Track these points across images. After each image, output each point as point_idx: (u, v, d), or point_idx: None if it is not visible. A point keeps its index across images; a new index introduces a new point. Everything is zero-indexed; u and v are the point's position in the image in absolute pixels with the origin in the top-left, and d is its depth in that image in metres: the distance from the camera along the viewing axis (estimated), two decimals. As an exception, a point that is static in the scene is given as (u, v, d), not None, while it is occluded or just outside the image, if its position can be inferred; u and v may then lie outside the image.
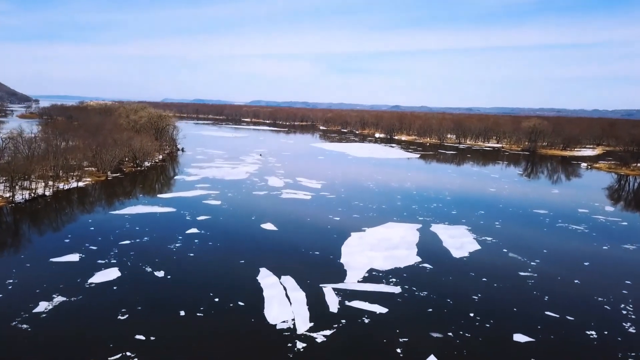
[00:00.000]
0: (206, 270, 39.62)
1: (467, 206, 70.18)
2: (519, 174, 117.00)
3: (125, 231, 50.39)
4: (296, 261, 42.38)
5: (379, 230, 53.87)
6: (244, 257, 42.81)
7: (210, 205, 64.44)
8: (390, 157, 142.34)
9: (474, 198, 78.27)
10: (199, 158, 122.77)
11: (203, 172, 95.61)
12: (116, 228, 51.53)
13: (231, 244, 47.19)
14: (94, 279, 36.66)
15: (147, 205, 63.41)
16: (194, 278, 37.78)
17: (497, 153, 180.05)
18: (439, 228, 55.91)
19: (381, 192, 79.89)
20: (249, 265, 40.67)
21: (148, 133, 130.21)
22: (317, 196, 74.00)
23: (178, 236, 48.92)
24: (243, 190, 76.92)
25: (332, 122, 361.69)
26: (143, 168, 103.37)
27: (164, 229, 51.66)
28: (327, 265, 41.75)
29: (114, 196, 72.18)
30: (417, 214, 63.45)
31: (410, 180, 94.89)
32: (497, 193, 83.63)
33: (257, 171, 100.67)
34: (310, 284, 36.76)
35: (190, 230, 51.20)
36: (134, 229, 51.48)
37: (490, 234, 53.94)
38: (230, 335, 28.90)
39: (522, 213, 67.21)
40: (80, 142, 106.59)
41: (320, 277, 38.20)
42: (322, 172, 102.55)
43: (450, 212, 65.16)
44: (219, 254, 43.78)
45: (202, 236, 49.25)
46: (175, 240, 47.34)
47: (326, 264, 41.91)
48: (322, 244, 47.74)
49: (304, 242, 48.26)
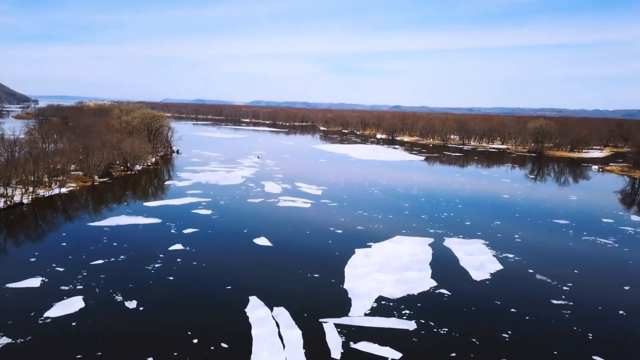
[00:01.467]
0: (186, 299, 33.75)
1: (482, 215, 64.32)
2: (530, 177, 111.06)
3: (101, 248, 44.58)
4: (292, 287, 36.51)
5: (386, 245, 48.00)
6: (232, 282, 36.96)
7: (199, 216, 58.61)
8: (394, 160, 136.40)
9: (488, 206, 72.36)
10: (194, 161, 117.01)
11: (196, 177, 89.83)
12: (91, 243, 45.73)
13: (218, 264, 41.31)
14: (51, 311, 30.84)
15: (131, 216, 57.61)
16: (171, 311, 31.93)
17: (503, 155, 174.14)
18: (453, 243, 50.05)
19: (387, 200, 74.02)
20: (237, 293, 34.82)
21: (141, 135, 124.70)
22: (317, 204, 68.16)
23: (159, 254, 43.10)
24: (237, 198, 71.07)
25: (332, 122, 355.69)
26: (133, 172, 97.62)
27: (145, 245, 45.84)
28: (328, 292, 35.88)
29: (97, 204, 66.41)
30: (428, 225, 57.58)
31: (417, 185, 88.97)
32: (511, 200, 77.71)
33: (253, 175, 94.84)
34: (308, 319, 30.91)
35: (173, 247, 45.37)
36: (111, 245, 45.67)
37: (511, 250, 48.07)
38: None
39: (542, 224, 61.31)
40: (67, 144, 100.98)
41: (320, 309, 32.36)
42: (323, 176, 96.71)
43: (463, 223, 59.28)
44: (203, 278, 37.92)
45: (186, 254, 43.40)
46: (155, 259, 41.52)
47: (327, 291, 36.04)
48: (323, 264, 41.89)
49: (302, 262, 42.40)
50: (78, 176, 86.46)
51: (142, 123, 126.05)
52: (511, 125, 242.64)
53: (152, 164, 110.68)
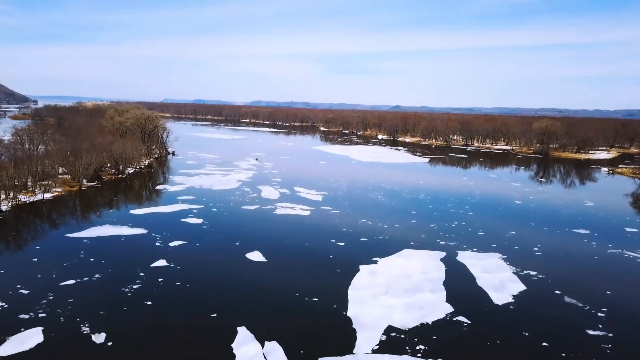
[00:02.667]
0: (163, 331, 29.00)
1: (495, 224, 59.54)
2: (540, 180, 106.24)
3: (75, 264, 39.88)
4: (287, 315, 31.75)
5: (394, 261, 43.25)
6: (219, 308, 32.21)
7: (188, 226, 53.86)
8: (397, 162, 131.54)
9: (500, 213, 67.55)
10: (189, 163, 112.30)
11: (189, 181, 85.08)
12: (66, 259, 41.03)
13: (204, 285, 36.52)
14: (2, 348, 26.15)
15: (114, 225, 52.91)
16: (144, 346, 27.20)
17: (508, 156, 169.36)
18: (468, 257, 45.29)
19: (392, 206, 69.22)
20: (224, 322, 30.06)
21: (135, 136, 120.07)
22: (317, 211, 63.41)
23: (140, 272, 38.37)
24: (231, 204, 66.32)
25: (333, 123, 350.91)
26: (125, 175, 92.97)
27: (125, 261, 41.12)
28: (329, 321, 31.11)
29: (79, 212, 61.71)
30: (438, 235, 52.80)
31: (423, 190, 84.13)
32: (524, 206, 72.90)
33: (250, 179, 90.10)
34: (305, 357, 26.20)
35: (156, 263, 40.64)
36: (87, 260, 40.96)
37: (532, 266, 43.32)
38: None
39: (561, 234, 56.53)
40: (54, 146, 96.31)
41: (320, 343, 27.65)
42: (324, 180, 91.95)
43: (476, 233, 54.51)
44: (185, 303, 33.15)
45: (170, 272, 38.66)
46: (135, 279, 36.80)
47: (328, 319, 31.26)
48: (323, 285, 37.13)
49: (299, 282, 37.65)
50: (65, 180, 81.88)
51: (135, 124, 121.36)
52: (515, 126, 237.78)
53: (145, 167, 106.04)
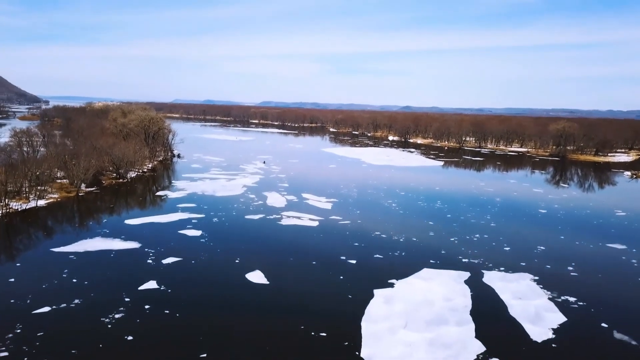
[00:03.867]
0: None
1: (521, 238, 54.32)
2: (562, 186, 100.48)
3: (55, 287, 35.59)
4: (290, 356, 27.05)
5: (412, 284, 38.37)
6: (210, 347, 27.59)
7: (185, 239, 49.42)
8: (410, 165, 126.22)
9: (525, 224, 62.22)
10: (194, 167, 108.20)
11: (192, 186, 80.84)
12: (46, 280, 36.77)
13: (196, 315, 31.90)
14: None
15: (106, 238, 48.68)
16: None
17: (524, 159, 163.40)
18: (495, 278, 40.28)
19: (407, 216, 64.25)
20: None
21: (139, 138, 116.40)
22: (326, 222, 58.68)
23: (125, 297, 33.94)
24: (233, 213, 61.84)
25: (342, 123, 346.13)
26: (126, 180, 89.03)
27: (110, 283, 36.75)
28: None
29: (71, 222, 57.68)
30: (459, 251, 47.78)
31: (440, 197, 78.93)
32: (550, 215, 67.51)
33: (256, 184, 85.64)
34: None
35: (145, 285, 36.19)
36: (69, 281, 36.66)
37: (569, 290, 38.18)
38: None
39: (595, 250, 51.17)
40: (53, 149, 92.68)
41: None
42: (333, 185, 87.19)
43: (501, 249, 49.40)
44: (172, 339, 28.57)
45: (159, 298, 34.18)
46: (118, 306, 32.35)
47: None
48: (332, 315, 32.37)
49: (304, 312, 32.93)
50: (63, 185, 78.15)
51: (139, 126, 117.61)
52: (530, 127, 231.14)
53: (148, 170, 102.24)
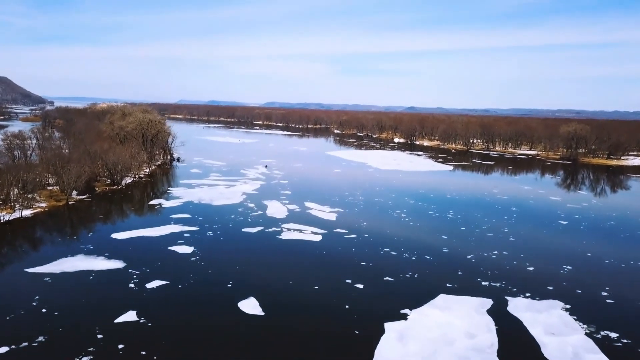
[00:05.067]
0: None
1: (544, 256, 49.39)
2: (580, 193, 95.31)
3: (20, 320, 31.13)
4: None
5: (428, 315, 33.64)
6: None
7: (175, 257, 44.91)
8: (419, 170, 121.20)
9: (547, 239, 57.15)
10: (193, 172, 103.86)
11: (189, 194, 76.43)
12: (13, 309, 32.33)
13: (178, 357, 27.35)
14: None
15: (89, 256, 44.28)
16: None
17: (535, 162, 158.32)
18: (521, 308, 35.47)
19: (418, 229, 59.42)
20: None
21: (137, 141, 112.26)
22: (330, 236, 54.02)
23: (98, 333, 29.43)
24: (230, 226, 57.29)
25: (347, 125, 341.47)
26: (121, 186, 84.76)
27: (84, 314, 32.24)
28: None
29: (53, 236, 53.35)
30: (478, 272, 42.97)
31: (453, 206, 73.98)
32: (572, 228, 62.53)
33: (257, 192, 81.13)
34: None
35: (123, 317, 31.66)
36: (37, 312, 32.20)
37: (608, 323, 33.32)
38: None
39: (629, 270, 46.13)
40: (45, 154, 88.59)
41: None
42: (338, 192, 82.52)
43: (524, 269, 44.56)
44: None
45: (137, 334, 29.62)
46: (88, 346, 27.82)
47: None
48: (336, 356, 27.71)
49: (304, 351, 28.28)
50: (53, 193, 73.97)
51: (137, 129, 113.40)
52: (539, 129, 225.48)
53: (145, 176, 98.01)
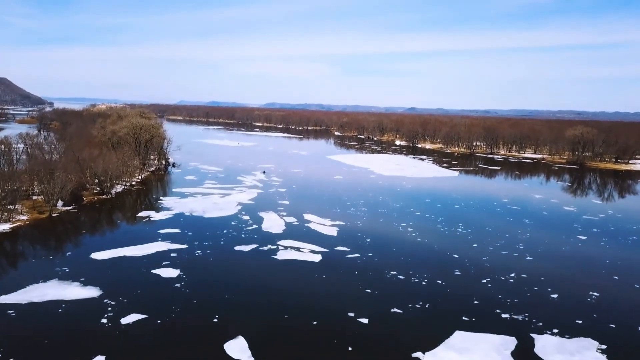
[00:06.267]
0: None
1: (568, 281, 44.61)
2: (594, 202, 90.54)
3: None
4: None
5: (443, 359, 29.00)
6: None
7: (158, 283, 40.24)
8: (423, 176, 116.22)
9: (568, 260, 52.10)
10: (187, 179, 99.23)
11: (181, 205, 71.79)
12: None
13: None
14: None
15: (63, 281, 39.70)
16: None
17: (541, 167, 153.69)
18: (551, 348, 30.79)
19: (427, 248, 54.60)
20: None
21: (129, 147, 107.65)
22: (330, 255, 49.34)
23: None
24: (221, 243, 52.62)
25: (347, 127, 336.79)
26: (110, 196, 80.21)
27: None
28: None
29: (29, 255, 48.72)
30: (496, 301, 38.29)
31: (462, 218, 69.18)
32: (592, 245, 57.73)
33: (253, 201, 76.50)
34: None
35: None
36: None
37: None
38: None
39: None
40: (28, 162, 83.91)
41: None
42: (340, 202, 77.88)
43: (548, 298, 39.84)
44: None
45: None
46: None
47: None
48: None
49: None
50: (36, 203, 69.39)
51: (129, 134, 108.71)
52: (543, 132, 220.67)
53: (137, 183, 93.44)
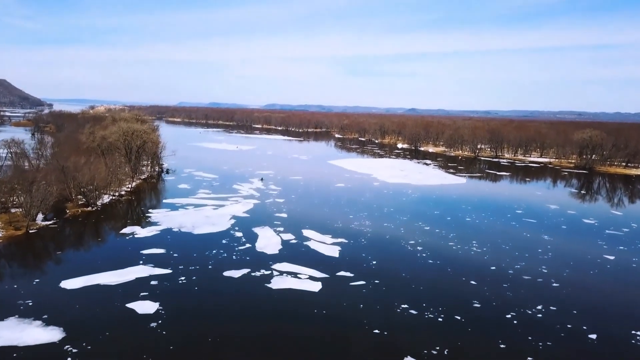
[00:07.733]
0: None
1: (606, 317, 38.96)
2: (614, 213, 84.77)
3: None
4: None
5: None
6: None
7: (132, 321, 34.64)
8: (430, 184, 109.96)
9: (602, 291, 46.13)
10: (180, 188, 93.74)
11: (169, 219, 66.30)
12: None
13: None
14: None
15: (22, 319, 34.21)
16: None
17: (550, 171, 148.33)
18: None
19: (441, 274, 48.63)
20: None
21: (120, 153, 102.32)
22: (332, 282, 43.74)
23: None
24: (209, 267, 47.02)
25: (348, 129, 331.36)
26: (95, 208, 74.72)
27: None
28: None
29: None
30: (527, 345, 32.66)
31: (475, 234, 63.43)
32: (625, 268, 51.89)
33: (248, 214, 70.97)
34: None
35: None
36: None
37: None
38: None
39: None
40: (6, 173, 78.50)
41: None
42: (342, 215, 72.28)
43: (585, 339, 34.24)
44: None
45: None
46: None
47: None
48: None
49: None
50: (14, 217, 64.00)
51: (119, 140, 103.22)
52: (550, 134, 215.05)
53: (127, 193, 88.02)
